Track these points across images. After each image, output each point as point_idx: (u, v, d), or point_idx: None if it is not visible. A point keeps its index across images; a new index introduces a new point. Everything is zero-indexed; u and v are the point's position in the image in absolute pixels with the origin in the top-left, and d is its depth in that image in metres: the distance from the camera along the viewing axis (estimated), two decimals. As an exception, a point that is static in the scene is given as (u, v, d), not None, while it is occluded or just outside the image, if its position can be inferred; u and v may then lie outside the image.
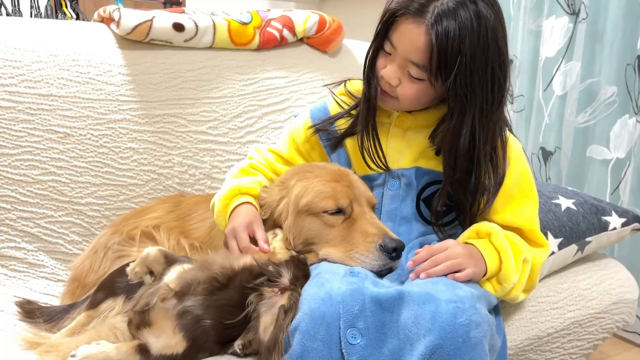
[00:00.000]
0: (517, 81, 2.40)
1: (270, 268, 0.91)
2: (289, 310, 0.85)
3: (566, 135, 2.15)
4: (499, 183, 1.10)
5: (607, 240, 1.37)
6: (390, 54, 1.09)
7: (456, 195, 1.12)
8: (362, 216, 1.07)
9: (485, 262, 1.02)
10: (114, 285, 1.07)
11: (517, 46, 2.39)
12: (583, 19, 2.03)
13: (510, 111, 2.47)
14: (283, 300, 0.87)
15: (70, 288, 1.27)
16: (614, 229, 1.36)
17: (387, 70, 1.09)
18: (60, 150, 1.43)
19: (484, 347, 0.84)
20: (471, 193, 1.10)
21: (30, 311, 1.16)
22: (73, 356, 0.78)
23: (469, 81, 1.01)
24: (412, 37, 1.03)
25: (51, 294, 1.33)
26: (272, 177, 1.27)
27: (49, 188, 1.41)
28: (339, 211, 1.07)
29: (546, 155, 2.25)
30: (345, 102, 1.29)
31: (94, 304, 1.07)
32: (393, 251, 1.02)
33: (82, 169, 1.45)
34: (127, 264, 1.08)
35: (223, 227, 1.16)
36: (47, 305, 1.22)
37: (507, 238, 1.06)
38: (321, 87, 1.87)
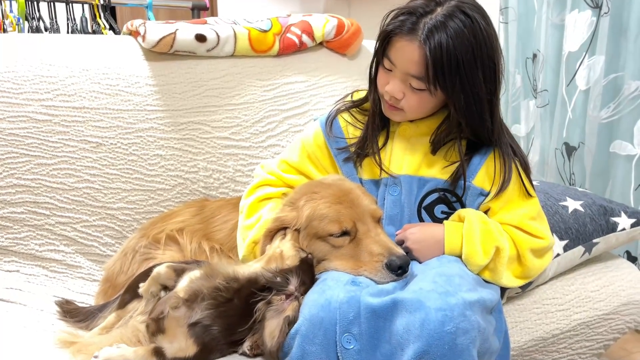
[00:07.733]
0: (541, 75, 2.37)
1: (278, 279, 0.97)
2: (292, 321, 0.93)
3: (590, 131, 2.13)
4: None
5: (616, 241, 1.37)
6: (391, 70, 1.17)
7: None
8: (367, 235, 1.11)
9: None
10: (139, 287, 1.16)
11: (540, 41, 2.37)
12: (605, 12, 2.00)
13: (534, 106, 2.45)
14: (289, 310, 0.94)
15: (103, 288, 1.38)
16: (623, 229, 1.37)
17: (391, 86, 1.17)
18: (93, 159, 1.54)
19: (470, 353, 0.89)
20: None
21: (68, 311, 1.28)
22: (96, 357, 0.88)
23: (470, 81, 1.10)
24: (407, 52, 1.11)
25: (87, 293, 1.45)
26: (282, 192, 1.33)
27: (84, 194, 1.52)
28: (344, 233, 1.12)
29: (570, 150, 2.24)
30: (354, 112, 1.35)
31: (122, 304, 1.18)
32: (399, 269, 1.06)
33: (113, 175, 1.55)
34: (152, 267, 1.17)
35: None
36: (83, 305, 1.33)
37: (482, 224, 1.13)
38: (341, 89, 1.92)
